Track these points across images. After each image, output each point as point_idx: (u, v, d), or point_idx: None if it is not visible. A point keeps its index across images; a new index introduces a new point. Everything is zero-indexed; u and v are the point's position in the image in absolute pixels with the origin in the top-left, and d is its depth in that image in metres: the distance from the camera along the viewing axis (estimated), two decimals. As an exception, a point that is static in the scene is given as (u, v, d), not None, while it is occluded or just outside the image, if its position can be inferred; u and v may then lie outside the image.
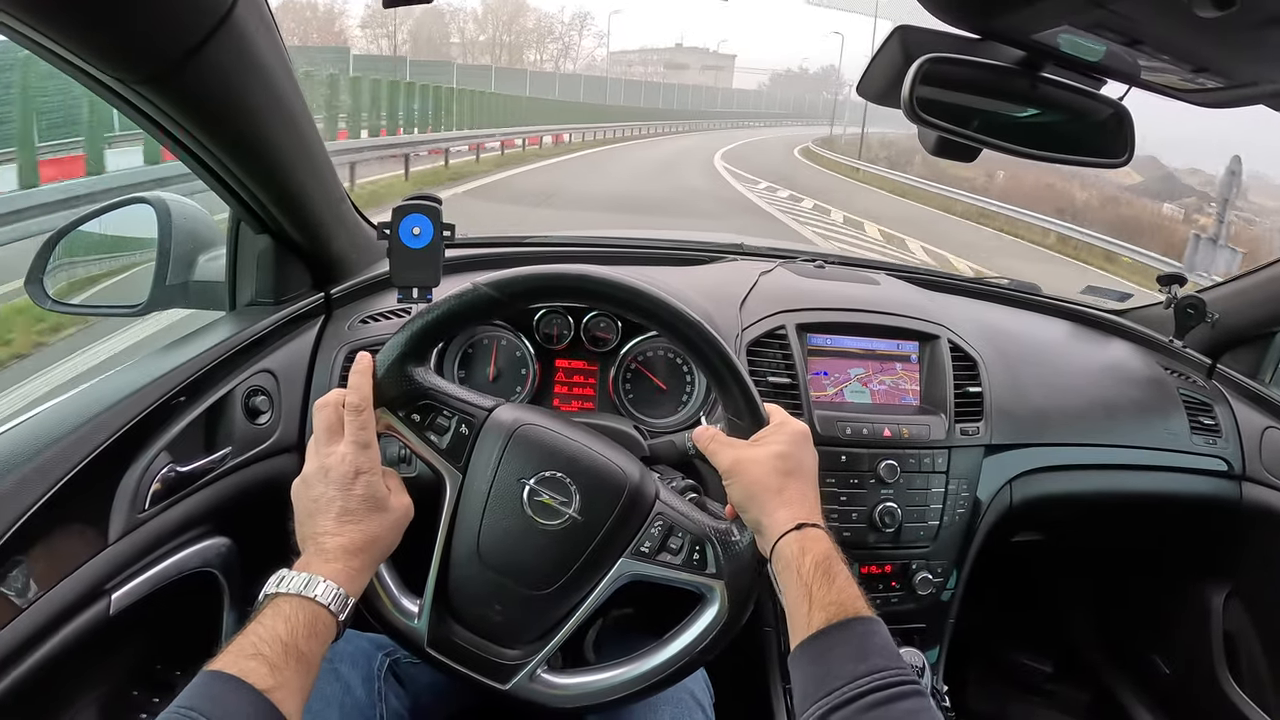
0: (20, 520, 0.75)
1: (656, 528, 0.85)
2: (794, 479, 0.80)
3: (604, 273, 0.88)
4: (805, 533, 0.76)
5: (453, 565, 0.86)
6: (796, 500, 0.79)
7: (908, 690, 0.65)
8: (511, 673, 0.86)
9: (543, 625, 0.87)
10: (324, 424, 0.80)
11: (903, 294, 1.45)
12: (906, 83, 0.79)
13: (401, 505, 0.82)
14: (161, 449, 0.93)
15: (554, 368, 1.25)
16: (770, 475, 0.80)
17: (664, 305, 0.86)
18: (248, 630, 0.67)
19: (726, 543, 0.84)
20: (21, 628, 0.75)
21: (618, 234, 1.64)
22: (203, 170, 0.95)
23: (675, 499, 0.89)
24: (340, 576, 0.73)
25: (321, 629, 0.70)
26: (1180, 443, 1.42)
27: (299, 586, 0.70)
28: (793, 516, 0.77)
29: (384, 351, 0.84)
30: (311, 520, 0.77)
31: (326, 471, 0.78)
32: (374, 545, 0.78)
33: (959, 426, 1.25)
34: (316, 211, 1.12)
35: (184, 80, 0.76)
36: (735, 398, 0.87)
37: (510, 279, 0.85)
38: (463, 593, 0.86)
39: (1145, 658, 1.70)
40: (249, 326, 1.08)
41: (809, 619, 0.71)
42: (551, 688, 0.87)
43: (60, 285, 1.21)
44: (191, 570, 0.97)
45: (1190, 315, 1.50)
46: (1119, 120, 0.90)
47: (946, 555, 1.25)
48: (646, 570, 0.85)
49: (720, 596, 0.84)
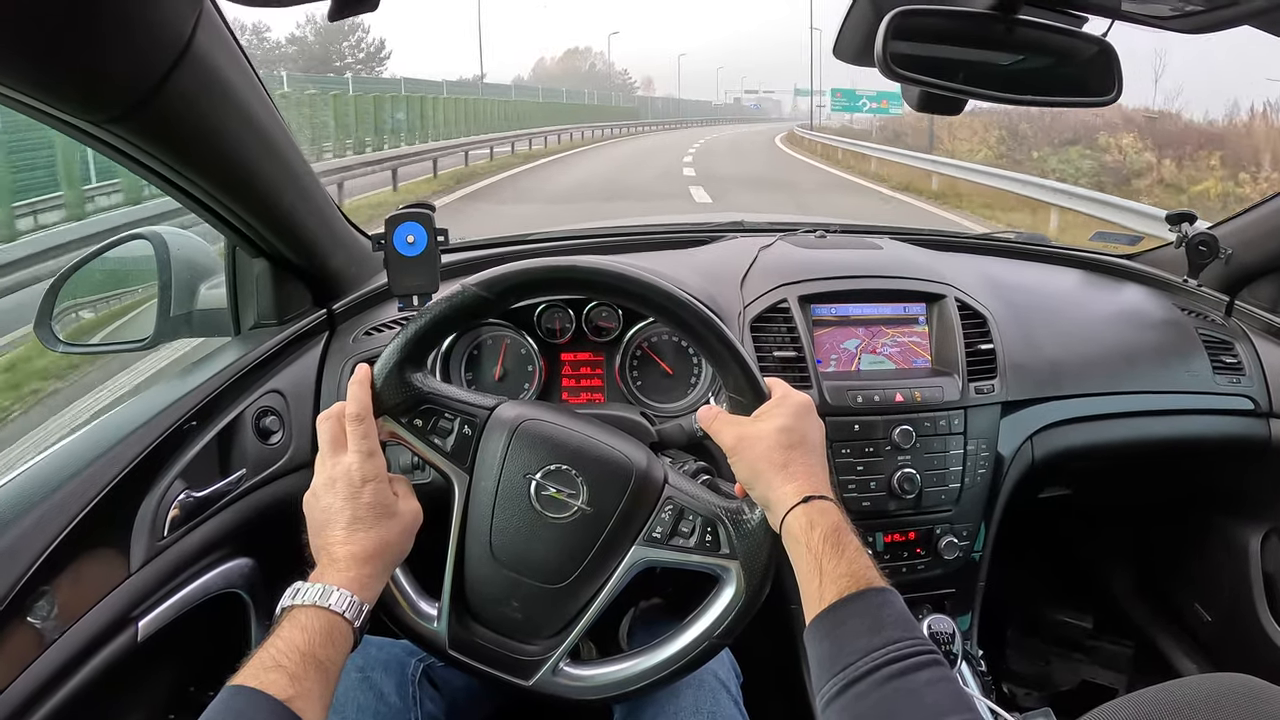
0: (42, 556, 0.76)
1: (667, 512, 0.85)
2: (798, 452, 0.79)
3: (591, 261, 0.88)
4: (812, 505, 0.75)
5: (468, 566, 0.86)
6: (802, 473, 0.78)
7: (925, 660, 0.64)
8: (534, 668, 0.86)
9: (562, 619, 0.87)
10: (328, 436, 0.81)
11: (906, 256, 1.43)
12: (879, 39, 0.78)
13: (410, 510, 0.82)
14: (176, 476, 0.93)
15: (560, 361, 1.25)
16: (773, 450, 0.79)
17: (652, 287, 0.85)
18: (266, 644, 0.68)
19: (738, 521, 0.84)
20: (50, 661, 0.76)
21: (615, 223, 1.64)
22: (190, 201, 0.95)
23: (684, 482, 0.89)
24: (354, 584, 0.73)
25: (339, 637, 0.70)
26: (1203, 384, 1.40)
27: (314, 597, 0.71)
28: (799, 490, 0.76)
29: (381, 360, 0.84)
30: (323, 531, 0.78)
31: (333, 482, 0.78)
32: (385, 551, 0.78)
33: (973, 385, 1.23)
34: (309, 230, 1.13)
35: (154, 115, 0.75)
36: (734, 374, 0.86)
37: (497, 277, 0.85)
38: (480, 592, 0.87)
39: (1186, 606, 1.67)
40: (254, 349, 1.09)
41: (820, 593, 0.71)
42: (575, 680, 0.87)
43: (68, 327, 1.24)
44: (216, 592, 0.98)
45: (1203, 253, 1.47)
46: (1105, 57, 0.88)
47: (971, 518, 1.23)
48: (660, 556, 0.85)
49: (736, 576, 0.84)
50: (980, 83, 0.85)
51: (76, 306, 1.29)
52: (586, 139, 28.95)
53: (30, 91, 0.67)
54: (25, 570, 0.74)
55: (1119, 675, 1.72)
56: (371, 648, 1.00)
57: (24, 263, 5.45)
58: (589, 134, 30.23)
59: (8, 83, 0.65)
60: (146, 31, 0.68)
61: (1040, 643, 1.76)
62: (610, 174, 16.24)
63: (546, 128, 24.97)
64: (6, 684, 0.72)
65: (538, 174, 16.10)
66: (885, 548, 1.20)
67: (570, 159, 20.45)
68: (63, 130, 0.76)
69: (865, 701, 0.63)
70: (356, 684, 0.95)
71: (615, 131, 34.83)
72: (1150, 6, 0.84)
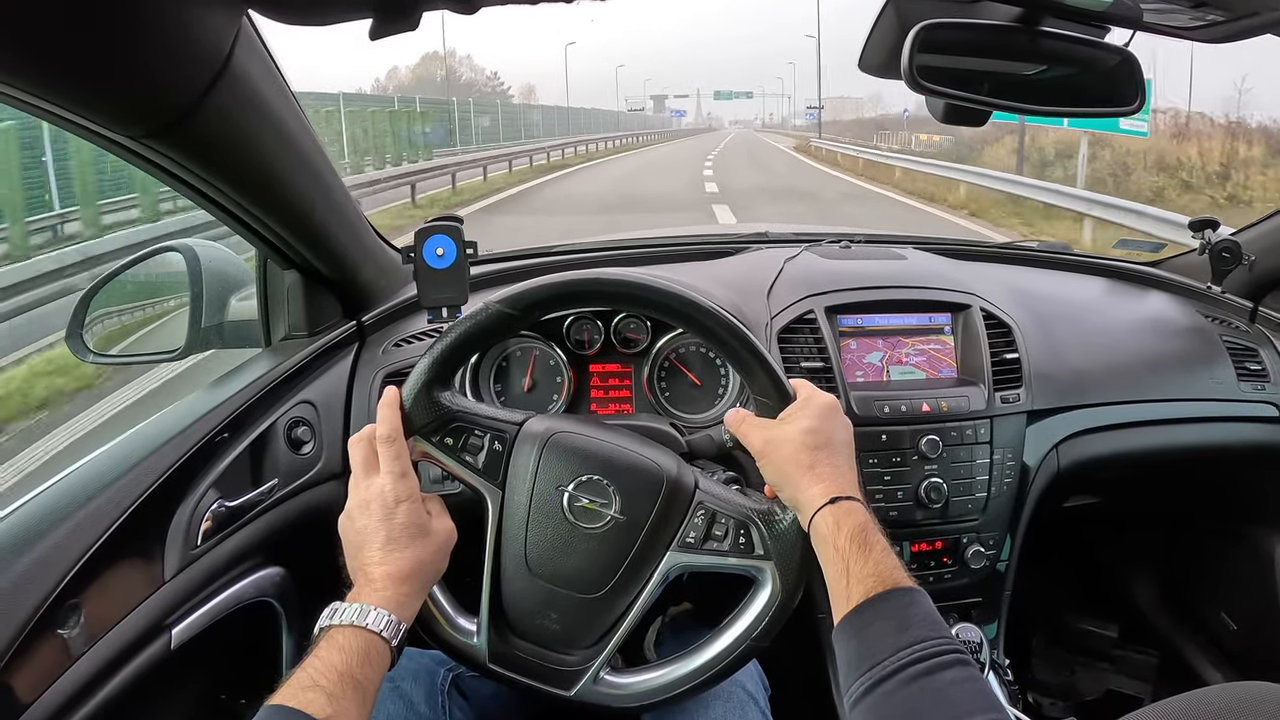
0: (77, 565, 0.77)
1: (699, 517, 0.86)
2: (824, 452, 0.80)
3: (614, 273, 0.89)
4: (839, 506, 0.76)
5: (504, 580, 0.87)
6: (829, 474, 0.78)
7: (952, 659, 0.64)
8: (575, 678, 0.87)
9: (600, 628, 0.87)
10: (360, 459, 0.82)
11: (931, 266, 1.43)
12: (905, 52, 0.79)
13: (444, 529, 0.83)
14: (209, 486, 0.95)
15: (588, 373, 1.26)
16: (800, 451, 0.80)
17: (673, 295, 0.86)
18: (304, 664, 0.69)
19: (770, 522, 0.84)
20: (85, 669, 0.78)
21: (640, 235, 1.65)
22: (223, 214, 0.96)
23: (715, 486, 0.89)
24: (390, 604, 0.75)
25: (376, 656, 0.72)
26: (1228, 391, 1.39)
27: (351, 617, 0.72)
28: (825, 491, 0.77)
29: (409, 382, 0.85)
30: (359, 553, 0.79)
31: (367, 504, 0.80)
32: (421, 570, 0.79)
33: (999, 395, 1.23)
34: (340, 243, 1.14)
35: (192, 131, 0.77)
36: (758, 377, 0.86)
37: (521, 293, 0.86)
38: (517, 606, 0.87)
39: (1212, 615, 1.65)
40: (285, 360, 1.11)
41: (848, 593, 0.71)
42: (616, 689, 0.87)
43: (98, 337, 1.26)
44: (248, 601, 0.99)
45: (1226, 259, 1.46)
46: (1128, 66, 0.88)
47: (997, 527, 1.23)
48: (694, 560, 0.86)
49: (771, 576, 0.84)
50: (1005, 94, 0.86)
51: (107, 316, 1.31)
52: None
53: (73, 108, 0.69)
54: (60, 579, 0.76)
55: (1144, 684, 1.70)
56: (402, 658, 1.01)
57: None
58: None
59: (54, 100, 0.66)
60: (187, 50, 0.70)
61: (1065, 652, 1.75)
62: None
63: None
64: (43, 689, 0.74)
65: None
66: (912, 557, 1.20)
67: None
68: (101, 145, 0.77)
69: (891, 700, 0.63)
70: (387, 694, 0.96)
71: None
72: (1172, 17, 0.84)
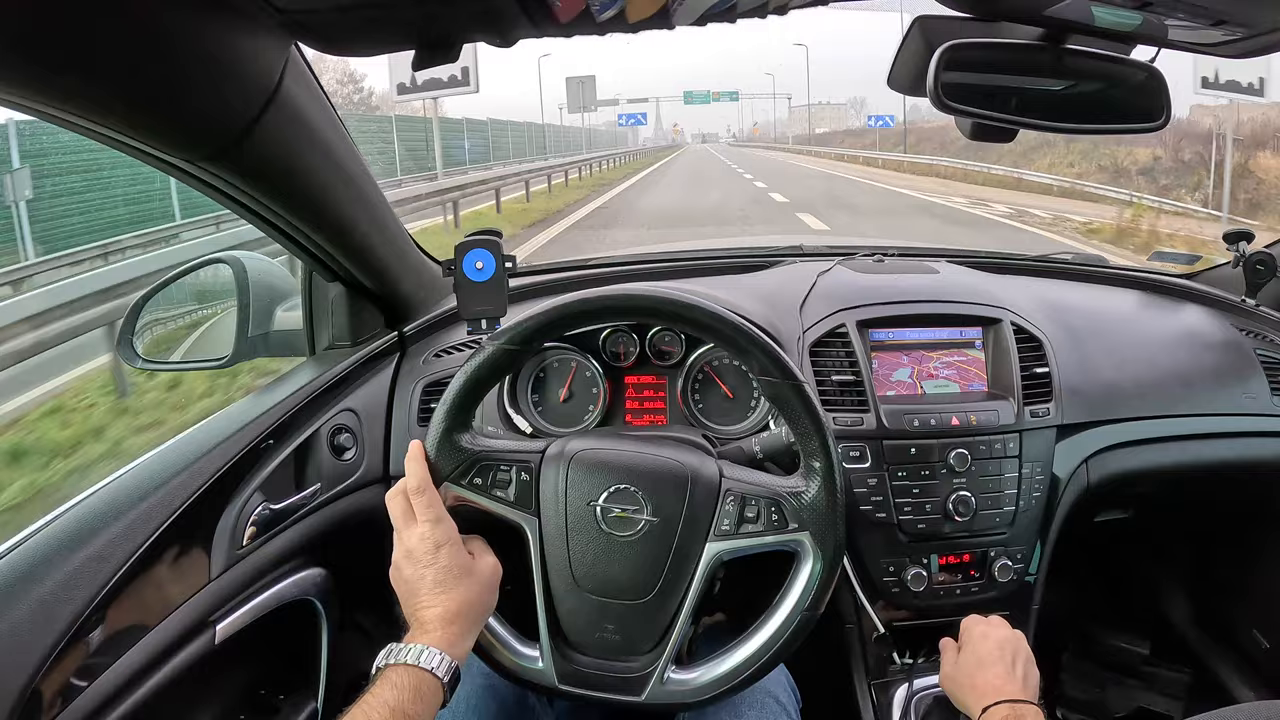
0: (128, 562, 0.82)
1: (730, 504, 0.88)
2: (1019, 661, 0.95)
3: (597, 292, 0.91)
4: (1017, 708, 0.87)
5: (557, 601, 0.90)
6: (1019, 681, 0.91)
7: None
8: (643, 683, 0.89)
9: (656, 630, 0.90)
10: (398, 512, 0.86)
11: (962, 279, 1.43)
12: (930, 72, 0.80)
13: (488, 565, 0.87)
14: (255, 489, 0.99)
15: (624, 384, 1.28)
16: (998, 648, 0.95)
17: (656, 298, 0.90)
18: (360, 701, 0.73)
19: (797, 494, 0.87)
20: (133, 660, 0.82)
21: (674, 249, 1.67)
22: (273, 231, 1.01)
23: (739, 470, 0.92)
24: (442, 643, 0.79)
25: (427, 692, 0.75)
26: (1262, 406, 1.37)
27: (404, 656, 0.77)
28: (1014, 692, 0.89)
29: (429, 433, 0.89)
30: (410, 600, 0.83)
31: (410, 553, 0.83)
32: (470, 609, 0.83)
33: (1028, 409, 1.23)
34: (382, 257, 1.18)
35: (244, 154, 0.82)
36: (756, 357, 0.89)
37: (518, 327, 0.90)
38: (574, 624, 0.90)
39: (1244, 632, 1.63)
40: (329, 369, 1.15)
41: None
42: (685, 685, 0.90)
43: (148, 344, 1.31)
44: (290, 600, 1.03)
45: (1260, 272, 1.45)
46: (1154, 82, 0.88)
47: (1025, 540, 1.23)
48: (733, 545, 0.88)
49: (810, 545, 0.87)
50: (1031, 111, 0.86)
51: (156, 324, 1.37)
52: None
53: (136, 135, 0.73)
54: (113, 574, 0.80)
55: (1176, 702, 1.67)
56: (474, 691, 1.03)
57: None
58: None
59: (118, 128, 0.71)
60: (240, 79, 0.75)
61: (1095, 667, 1.73)
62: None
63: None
64: (93, 678, 0.78)
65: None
66: (940, 570, 1.20)
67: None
68: (161, 168, 0.82)
69: None
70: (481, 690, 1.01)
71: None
72: (1197, 34, 0.85)
